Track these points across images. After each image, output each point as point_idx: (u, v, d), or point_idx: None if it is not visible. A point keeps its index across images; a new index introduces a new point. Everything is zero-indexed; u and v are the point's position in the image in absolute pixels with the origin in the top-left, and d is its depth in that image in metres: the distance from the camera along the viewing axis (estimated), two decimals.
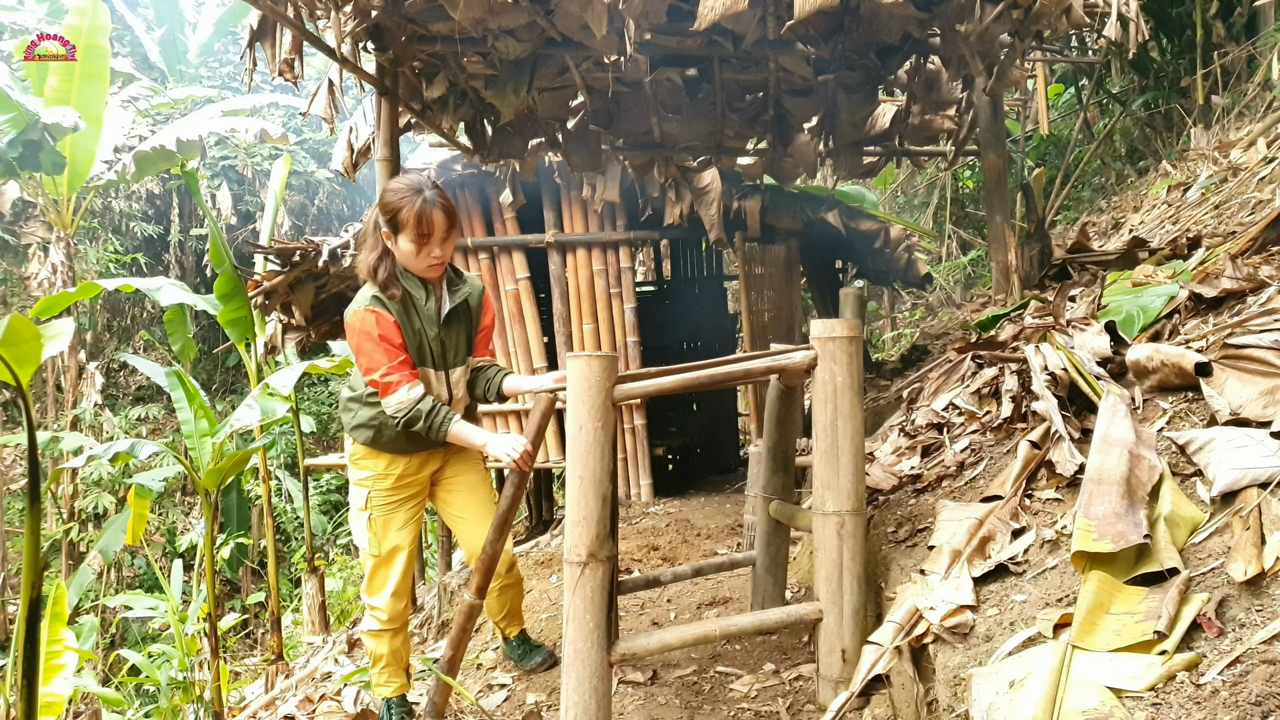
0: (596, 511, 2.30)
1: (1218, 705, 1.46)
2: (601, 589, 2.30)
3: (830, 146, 5.99)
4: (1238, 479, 1.93)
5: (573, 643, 2.32)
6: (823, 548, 2.50)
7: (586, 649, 2.29)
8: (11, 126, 8.23)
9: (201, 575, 8.17)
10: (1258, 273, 2.99)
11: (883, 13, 4.02)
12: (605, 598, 2.31)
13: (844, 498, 2.47)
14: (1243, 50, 7.04)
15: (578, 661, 2.31)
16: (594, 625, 2.28)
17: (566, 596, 2.35)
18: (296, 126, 16.11)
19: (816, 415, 2.51)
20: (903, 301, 11.22)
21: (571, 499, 2.35)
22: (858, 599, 2.46)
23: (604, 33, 3.85)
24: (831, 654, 2.47)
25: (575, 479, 2.34)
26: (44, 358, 3.20)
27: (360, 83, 5.04)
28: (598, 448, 2.31)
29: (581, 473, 2.31)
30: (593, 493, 2.30)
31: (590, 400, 2.29)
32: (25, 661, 3.05)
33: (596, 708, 2.30)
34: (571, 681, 2.32)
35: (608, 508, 2.33)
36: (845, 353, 2.46)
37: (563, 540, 2.42)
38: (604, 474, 2.31)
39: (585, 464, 2.30)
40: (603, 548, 2.31)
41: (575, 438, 2.34)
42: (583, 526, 2.32)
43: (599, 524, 2.30)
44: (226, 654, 9.20)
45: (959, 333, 6.01)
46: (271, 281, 7.38)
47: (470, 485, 3.18)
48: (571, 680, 2.32)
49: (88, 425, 11.57)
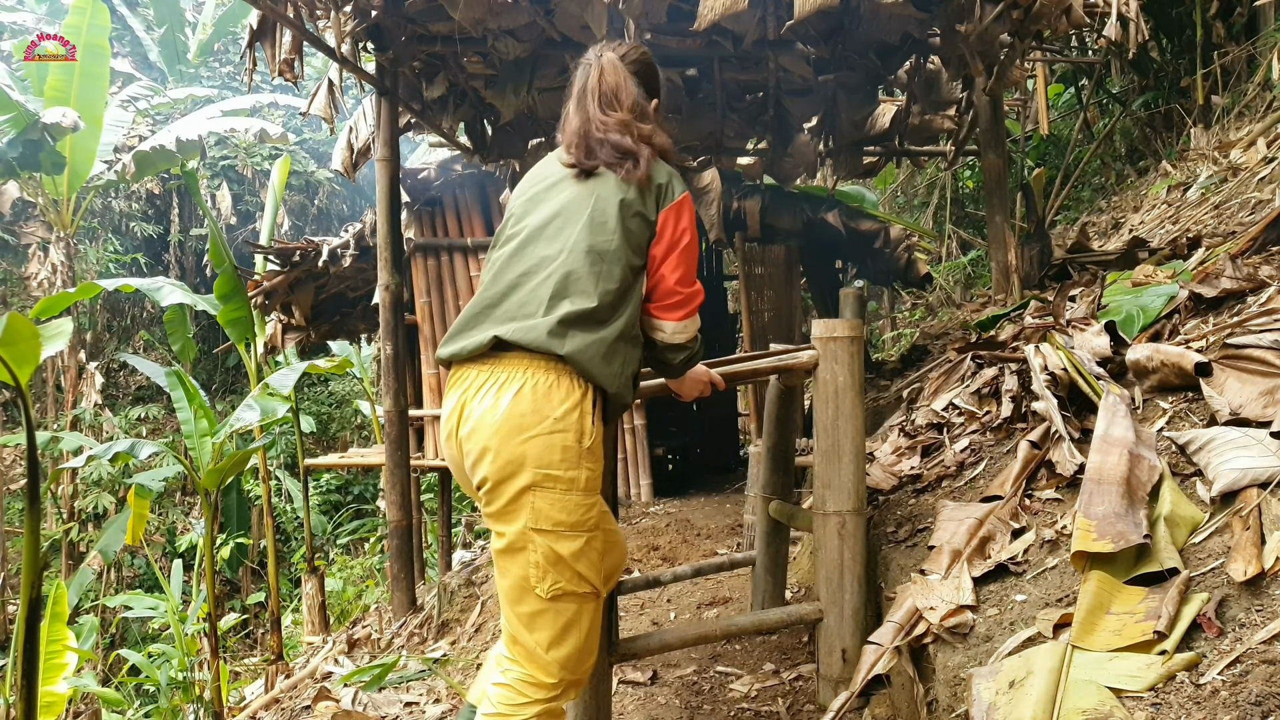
0: None
1: (1218, 705, 1.46)
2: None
3: (830, 146, 6.00)
4: (1238, 479, 1.93)
5: None
6: (823, 548, 2.49)
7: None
8: (11, 126, 8.24)
9: (201, 575, 8.17)
10: (1257, 273, 2.99)
11: (883, 13, 4.03)
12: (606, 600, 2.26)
13: (845, 497, 2.46)
14: (1243, 50, 7.04)
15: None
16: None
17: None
18: (296, 126, 16.11)
19: (818, 415, 2.51)
20: (903, 301, 11.23)
21: None
22: (858, 599, 2.45)
23: (604, 33, 3.86)
24: (832, 654, 2.46)
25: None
26: (44, 357, 3.20)
27: (360, 83, 5.04)
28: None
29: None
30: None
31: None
32: (25, 661, 3.05)
33: (597, 707, 2.26)
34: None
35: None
36: (846, 352, 2.45)
37: None
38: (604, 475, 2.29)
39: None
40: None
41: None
42: None
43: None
44: (226, 654, 9.20)
45: (959, 333, 6.00)
46: (271, 281, 7.38)
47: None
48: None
49: (88, 425, 11.57)
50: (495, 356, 1.85)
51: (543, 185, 2.04)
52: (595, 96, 2.02)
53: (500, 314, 1.89)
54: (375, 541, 11.91)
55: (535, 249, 1.94)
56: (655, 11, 3.88)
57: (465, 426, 1.85)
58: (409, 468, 5.16)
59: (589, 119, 2.00)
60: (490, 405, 1.81)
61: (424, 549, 9.31)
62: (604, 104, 2.00)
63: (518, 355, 1.83)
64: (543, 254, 1.92)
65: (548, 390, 1.81)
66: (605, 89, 2.02)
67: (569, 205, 1.96)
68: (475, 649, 4.16)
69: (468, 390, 1.86)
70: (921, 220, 10.77)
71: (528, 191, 2.06)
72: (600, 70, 2.04)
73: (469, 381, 1.87)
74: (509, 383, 1.82)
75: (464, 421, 1.85)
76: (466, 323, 1.92)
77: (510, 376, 1.82)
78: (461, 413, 1.86)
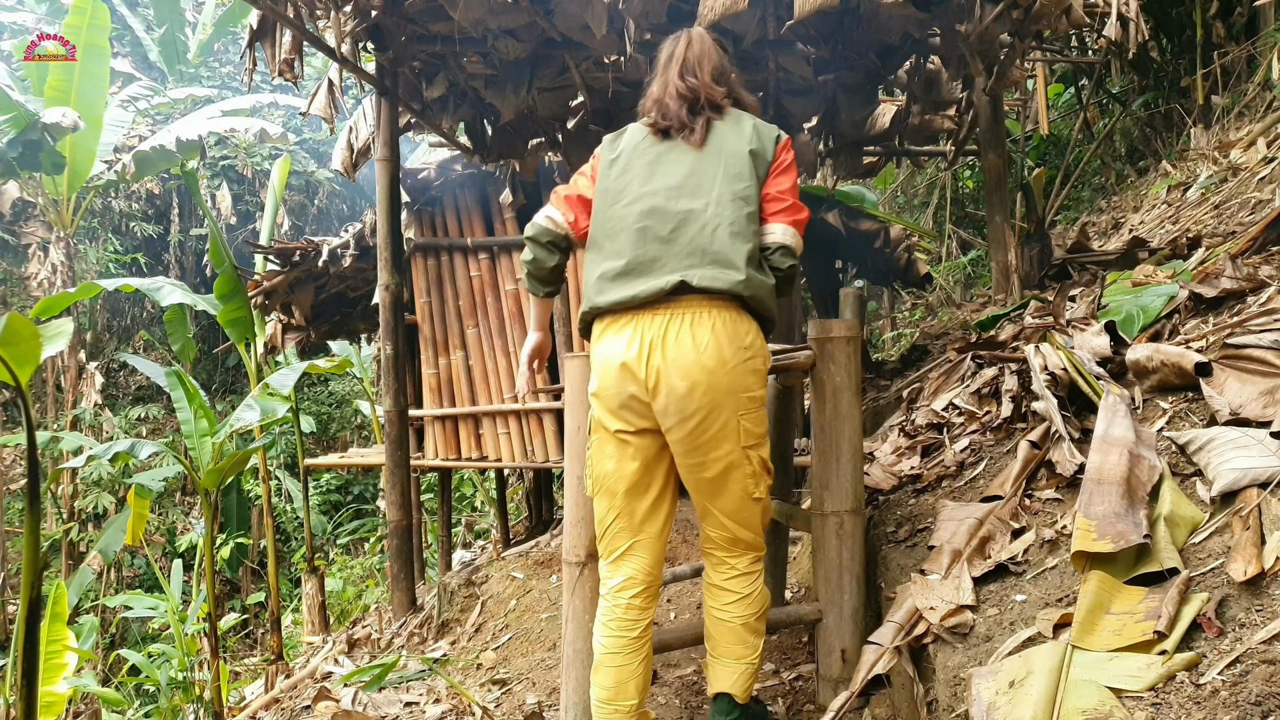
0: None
1: (1217, 705, 1.46)
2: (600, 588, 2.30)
3: (830, 146, 5.99)
4: (1237, 479, 1.93)
5: (572, 642, 2.32)
6: (821, 548, 2.50)
7: (586, 649, 2.29)
8: (11, 126, 8.23)
9: (201, 575, 8.18)
10: (1257, 273, 2.99)
11: (883, 13, 4.02)
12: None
13: (842, 497, 2.47)
14: (1243, 50, 7.04)
15: (577, 661, 2.32)
16: (593, 622, 2.28)
17: (566, 597, 2.36)
18: (296, 126, 16.10)
19: (815, 415, 2.52)
20: (903, 301, 11.21)
21: (570, 499, 2.35)
22: (857, 599, 2.46)
23: (604, 33, 3.86)
24: (831, 654, 2.47)
25: (574, 479, 2.33)
26: (44, 358, 3.20)
27: (360, 83, 5.04)
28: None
29: (580, 473, 2.30)
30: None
31: (588, 402, 2.28)
32: (25, 661, 3.05)
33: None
34: (572, 681, 2.33)
35: None
36: (843, 353, 2.47)
37: (562, 541, 2.44)
38: None
39: (584, 464, 2.29)
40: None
41: (574, 438, 2.33)
42: (582, 526, 2.32)
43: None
44: (226, 654, 9.20)
45: (959, 333, 6.00)
46: (271, 281, 7.38)
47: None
48: (572, 680, 2.33)
49: (88, 425, 11.57)
50: (674, 300, 2.06)
51: (649, 149, 2.25)
52: (693, 63, 2.29)
53: (668, 264, 2.08)
54: (375, 541, 11.91)
55: (678, 204, 2.14)
56: (655, 11, 3.88)
57: (657, 366, 2.04)
58: (409, 468, 5.16)
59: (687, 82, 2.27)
60: (689, 344, 2.03)
61: (424, 549, 9.31)
62: (696, 68, 2.28)
63: (698, 297, 2.06)
64: (689, 207, 2.13)
65: (734, 326, 2.07)
66: (695, 56, 2.29)
67: (701, 161, 2.19)
68: (475, 649, 4.16)
69: (652, 332, 2.06)
70: (921, 220, 10.76)
71: (631, 158, 2.26)
72: (688, 40, 2.32)
73: (648, 324, 2.06)
74: (698, 322, 2.05)
75: (653, 361, 2.04)
76: (627, 273, 2.10)
77: (696, 317, 2.05)
78: (650, 353, 2.05)
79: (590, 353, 2.19)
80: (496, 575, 4.94)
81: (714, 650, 2.29)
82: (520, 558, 5.25)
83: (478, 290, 6.61)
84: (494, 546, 7.95)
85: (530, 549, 5.69)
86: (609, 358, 2.10)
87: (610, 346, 2.10)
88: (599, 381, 2.13)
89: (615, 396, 2.10)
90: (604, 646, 2.16)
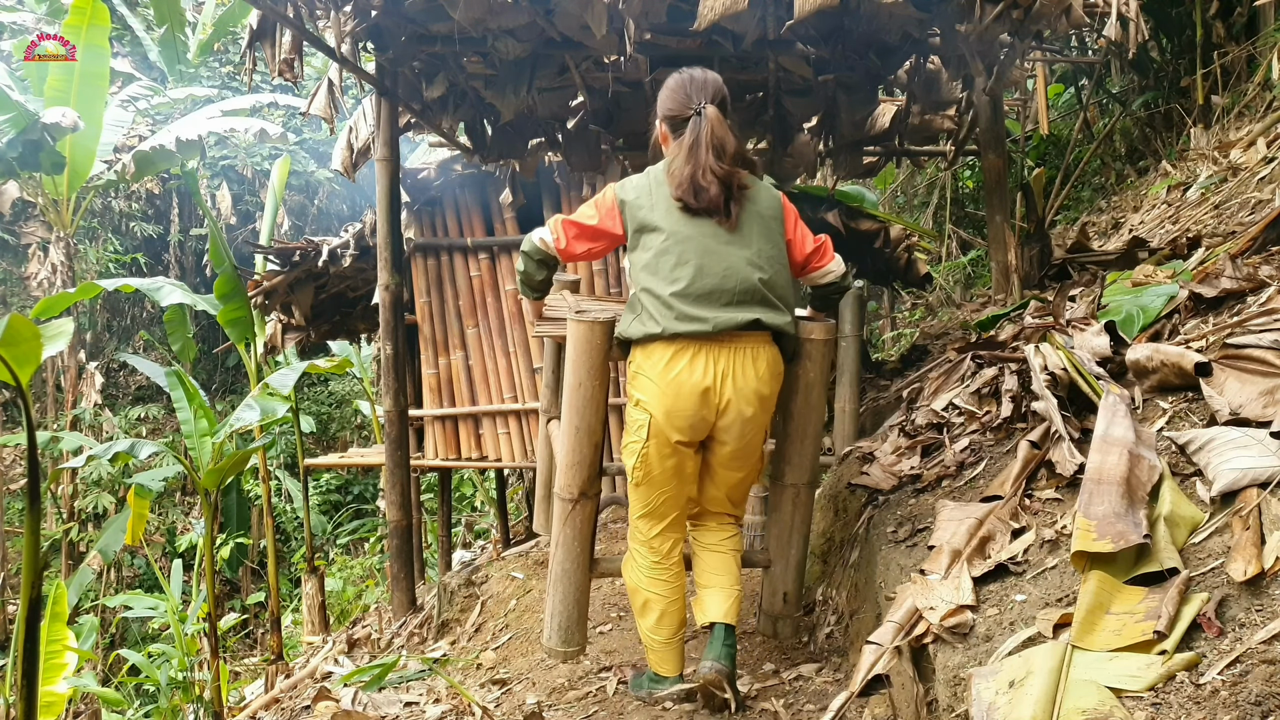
0: (589, 457, 2.68)
1: (1217, 705, 1.46)
2: (589, 521, 2.75)
3: (830, 146, 5.99)
4: (1237, 479, 1.93)
5: (561, 563, 2.77)
6: (777, 510, 2.94)
7: (573, 569, 2.76)
8: (11, 126, 8.22)
9: (201, 575, 8.17)
10: (1257, 273, 2.99)
11: (883, 13, 4.02)
12: (591, 528, 2.78)
13: (801, 472, 2.88)
14: (1243, 50, 7.03)
15: (564, 579, 2.77)
16: (580, 550, 2.76)
17: (556, 526, 2.76)
18: (296, 126, 16.08)
19: (790, 403, 2.82)
20: (903, 301, 11.20)
21: (569, 445, 2.69)
22: (801, 553, 2.95)
23: (604, 33, 3.86)
24: (775, 594, 2.98)
25: (573, 429, 2.67)
26: (44, 358, 3.20)
27: (360, 83, 5.04)
28: (594, 403, 2.65)
29: (578, 424, 2.66)
30: (587, 441, 2.68)
31: (590, 361, 2.61)
32: (25, 661, 3.05)
33: (578, 616, 2.79)
34: (558, 595, 2.78)
35: (599, 453, 2.72)
36: (820, 353, 2.76)
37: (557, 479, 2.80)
38: (598, 424, 2.69)
39: (582, 416, 2.66)
40: (592, 486, 2.73)
41: (575, 393, 2.65)
42: (577, 469, 2.70)
43: (590, 467, 2.70)
44: (226, 654, 9.20)
45: (959, 333, 6.00)
46: (271, 281, 7.38)
47: None
48: (558, 594, 2.78)
49: (88, 425, 11.57)
50: (742, 334, 2.49)
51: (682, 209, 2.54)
52: (718, 147, 2.52)
53: (732, 302, 2.48)
54: (375, 541, 11.92)
55: (728, 252, 2.51)
56: (655, 11, 3.87)
57: (728, 395, 2.49)
58: (409, 468, 5.16)
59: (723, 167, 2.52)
60: (752, 375, 2.51)
61: (424, 549, 9.31)
62: (721, 151, 2.52)
63: (753, 334, 2.51)
64: (739, 255, 2.51)
65: (774, 357, 2.58)
66: (719, 140, 2.52)
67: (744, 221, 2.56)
68: (475, 649, 4.17)
69: (722, 363, 2.48)
70: (921, 220, 10.76)
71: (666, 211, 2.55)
72: (710, 125, 2.52)
73: (717, 354, 2.48)
74: (759, 354, 2.53)
75: (725, 390, 2.49)
76: (699, 304, 2.47)
77: (757, 350, 2.53)
78: (723, 382, 2.48)
79: (649, 372, 2.52)
80: (496, 575, 4.94)
81: (708, 582, 2.73)
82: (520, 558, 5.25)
83: (477, 290, 6.61)
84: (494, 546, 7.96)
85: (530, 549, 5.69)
86: (687, 384, 2.47)
87: (685, 373, 2.47)
88: (672, 403, 2.49)
89: (688, 417, 2.50)
90: (665, 598, 2.67)
